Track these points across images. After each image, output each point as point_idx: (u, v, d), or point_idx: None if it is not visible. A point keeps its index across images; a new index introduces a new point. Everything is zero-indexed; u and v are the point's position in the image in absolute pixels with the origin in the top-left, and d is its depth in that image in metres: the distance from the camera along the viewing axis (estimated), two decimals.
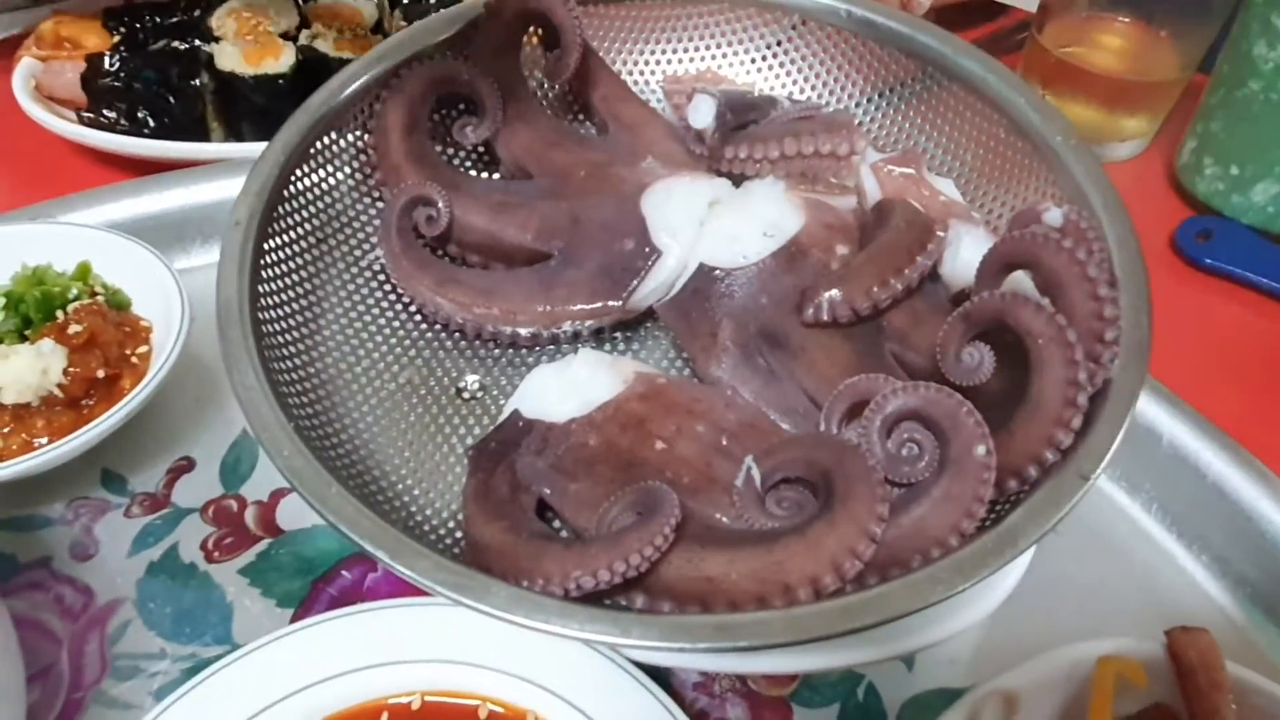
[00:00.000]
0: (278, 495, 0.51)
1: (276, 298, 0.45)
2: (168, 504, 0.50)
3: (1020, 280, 0.39)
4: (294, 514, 0.50)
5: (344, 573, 0.47)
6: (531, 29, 0.55)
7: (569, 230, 0.48)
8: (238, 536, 0.49)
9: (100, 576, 0.47)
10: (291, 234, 0.47)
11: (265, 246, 0.45)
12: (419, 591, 0.38)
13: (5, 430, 0.49)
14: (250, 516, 0.50)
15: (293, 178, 0.48)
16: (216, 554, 0.48)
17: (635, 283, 0.46)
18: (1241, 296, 0.65)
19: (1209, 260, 0.66)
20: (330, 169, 0.50)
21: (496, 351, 0.48)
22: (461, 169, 0.54)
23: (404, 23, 0.71)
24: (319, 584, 0.47)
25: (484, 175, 0.55)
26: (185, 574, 0.47)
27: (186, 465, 0.52)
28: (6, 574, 0.47)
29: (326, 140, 0.50)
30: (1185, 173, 0.72)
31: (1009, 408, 0.36)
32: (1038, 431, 0.35)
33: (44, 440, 0.49)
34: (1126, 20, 0.73)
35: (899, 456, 0.36)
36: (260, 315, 0.42)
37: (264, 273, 0.44)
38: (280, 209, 0.46)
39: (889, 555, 0.34)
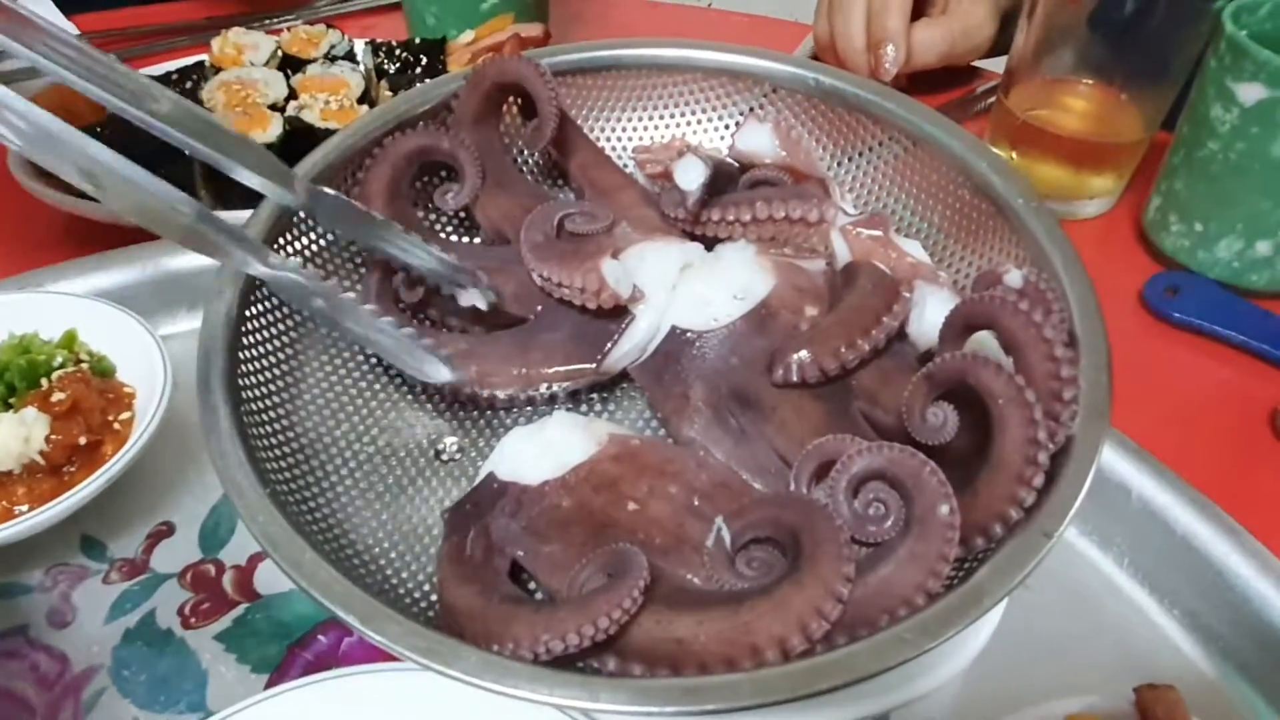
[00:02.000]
0: (255, 560, 0.51)
1: (256, 364, 0.46)
2: (146, 569, 0.50)
3: (985, 340, 0.40)
4: (271, 579, 0.50)
5: (320, 637, 0.47)
6: (510, 99, 0.57)
7: (544, 294, 0.49)
8: (215, 601, 0.49)
9: (76, 644, 0.47)
10: (273, 299, 0.48)
11: (247, 314, 0.46)
12: (395, 656, 0.38)
13: None
14: (228, 581, 0.50)
15: (275, 246, 0.49)
16: (193, 620, 0.48)
17: (609, 346, 0.47)
18: (1210, 350, 0.66)
19: (1177, 314, 0.67)
20: (314, 235, 0.51)
21: (475, 414, 0.49)
22: (442, 234, 0.56)
23: (389, 93, 0.73)
24: (294, 649, 0.47)
25: (464, 240, 0.57)
26: (161, 641, 0.47)
27: (166, 530, 0.53)
28: None
29: None
30: (1152, 229, 0.74)
31: (974, 466, 0.37)
32: (1001, 490, 0.36)
33: (25, 508, 0.49)
34: (1090, 83, 0.76)
35: (865, 516, 0.36)
36: (240, 382, 0.43)
37: (244, 339, 0.45)
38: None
39: (857, 615, 0.34)
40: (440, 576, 0.40)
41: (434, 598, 0.41)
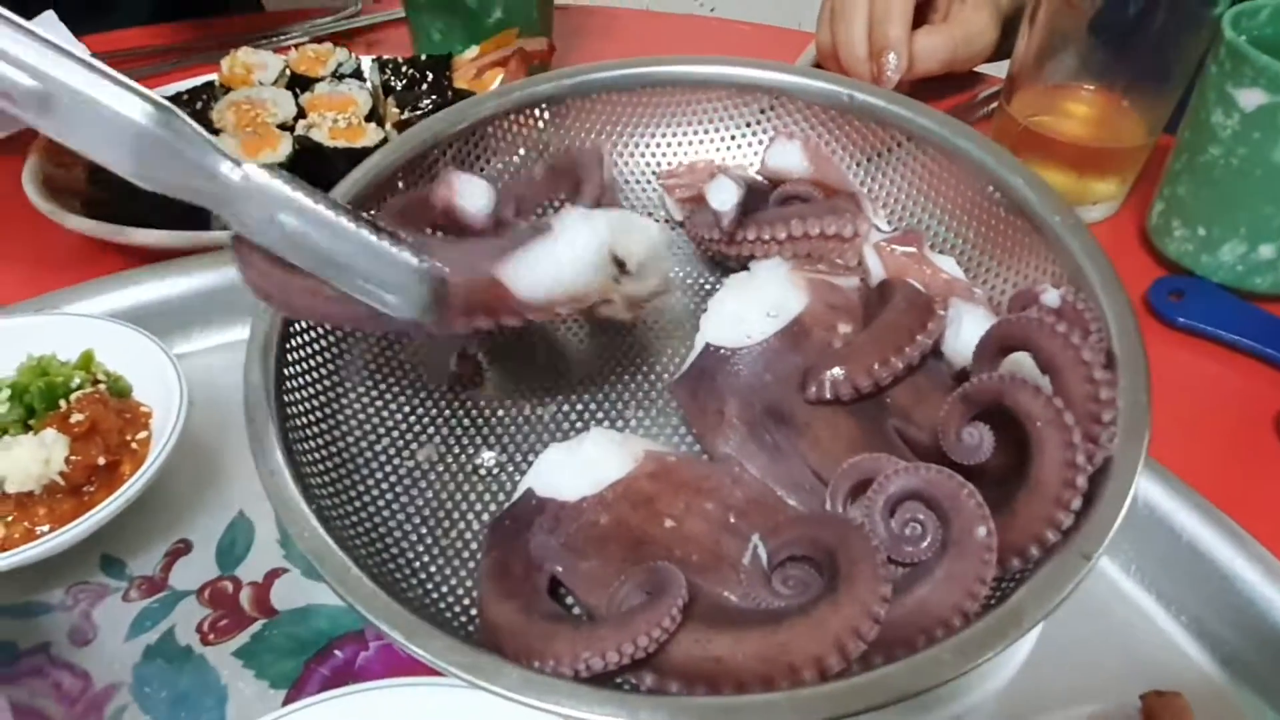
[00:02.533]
0: (272, 576, 0.51)
1: (301, 379, 0.47)
2: (165, 587, 0.51)
3: (1022, 360, 0.41)
4: (288, 594, 0.51)
5: (336, 652, 0.48)
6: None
7: None
8: (233, 618, 0.50)
9: (98, 661, 0.48)
10: None
11: (291, 329, 0.47)
12: (411, 671, 0.39)
13: (8, 519, 0.50)
14: (245, 597, 0.51)
15: None
16: (212, 636, 0.49)
17: None
18: (1215, 353, 0.67)
19: (1182, 319, 0.68)
20: None
21: (513, 428, 0.50)
22: None
23: (396, 109, 0.74)
24: (311, 664, 0.48)
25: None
26: (181, 657, 0.48)
27: (184, 548, 0.53)
28: (7, 661, 0.47)
29: None
30: (1156, 233, 0.74)
31: (1010, 487, 0.38)
32: (1038, 512, 0.36)
33: (46, 528, 0.50)
34: (1092, 89, 0.76)
35: (902, 536, 0.37)
36: (285, 399, 0.44)
37: (289, 355, 0.46)
38: None
39: (894, 635, 0.35)
40: (481, 592, 0.40)
41: (473, 612, 0.41)
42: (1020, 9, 0.92)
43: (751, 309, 0.48)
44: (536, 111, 0.62)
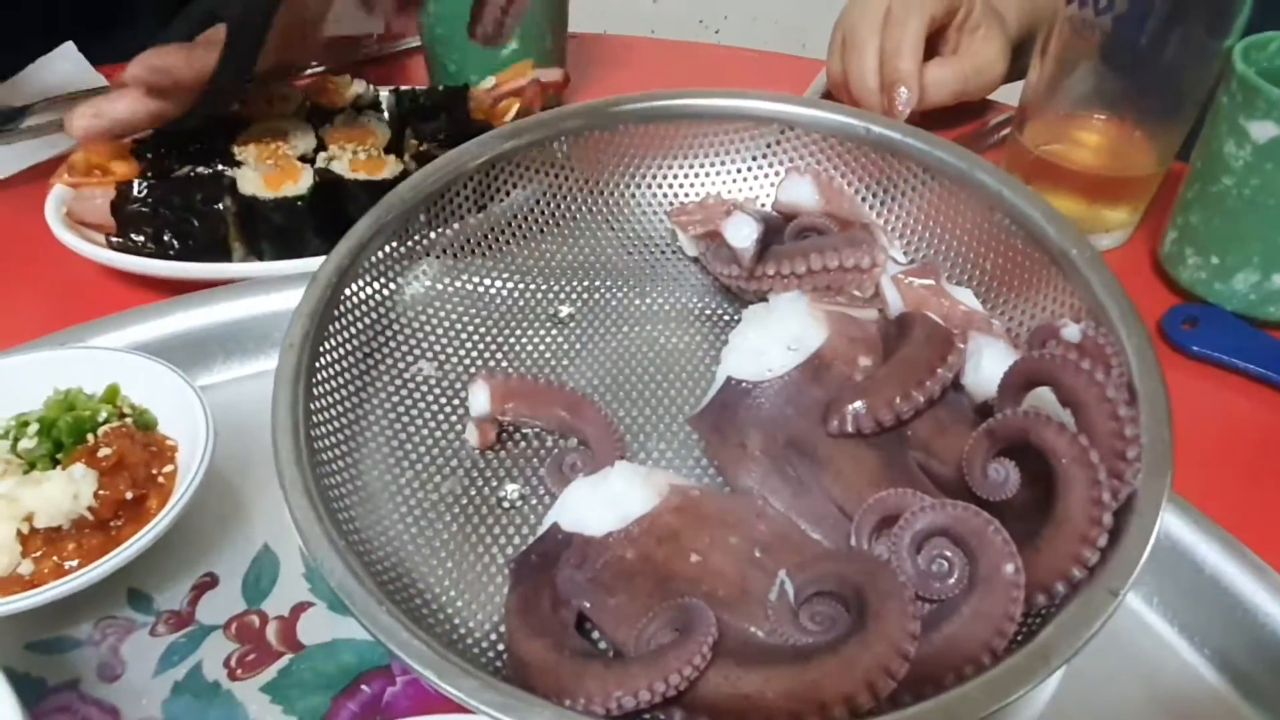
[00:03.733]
0: (298, 610, 0.52)
1: (326, 414, 0.48)
2: (192, 621, 0.51)
3: (1043, 394, 0.41)
4: (314, 628, 0.51)
5: (363, 687, 0.48)
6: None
7: None
8: (260, 653, 0.50)
9: (127, 697, 0.48)
10: (341, 350, 0.50)
11: (316, 365, 0.48)
12: (439, 707, 0.39)
13: (37, 554, 0.50)
14: (272, 632, 0.51)
15: (342, 296, 0.51)
16: (239, 671, 0.49)
17: None
18: (1230, 382, 0.67)
19: (1196, 347, 0.68)
20: (379, 284, 0.54)
21: (535, 461, 0.51)
22: None
23: (415, 140, 0.75)
24: (339, 699, 0.48)
25: None
26: (209, 693, 0.48)
27: (210, 581, 0.53)
28: (36, 698, 0.48)
29: (375, 258, 0.54)
30: (1169, 261, 0.74)
31: (1034, 523, 0.38)
32: (1065, 549, 0.37)
33: (74, 563, 0.50)
34: (1103, 118, 0.77)
35: (929, 573, 0.37)
36: (312, 433, 0.45)
37: (315, 390, 0.47)
38: (330, 327, 0.50)
39: (922, 672, 0.35)
40: (509, 628, 0.41)
41: (500, 648, 0.41)
42: (1029, 35, 0.93)
43: (772, 342, 0.49)
44: (558, 144, 0.63)
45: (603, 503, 0.44)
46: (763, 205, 0.64)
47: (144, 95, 0.68)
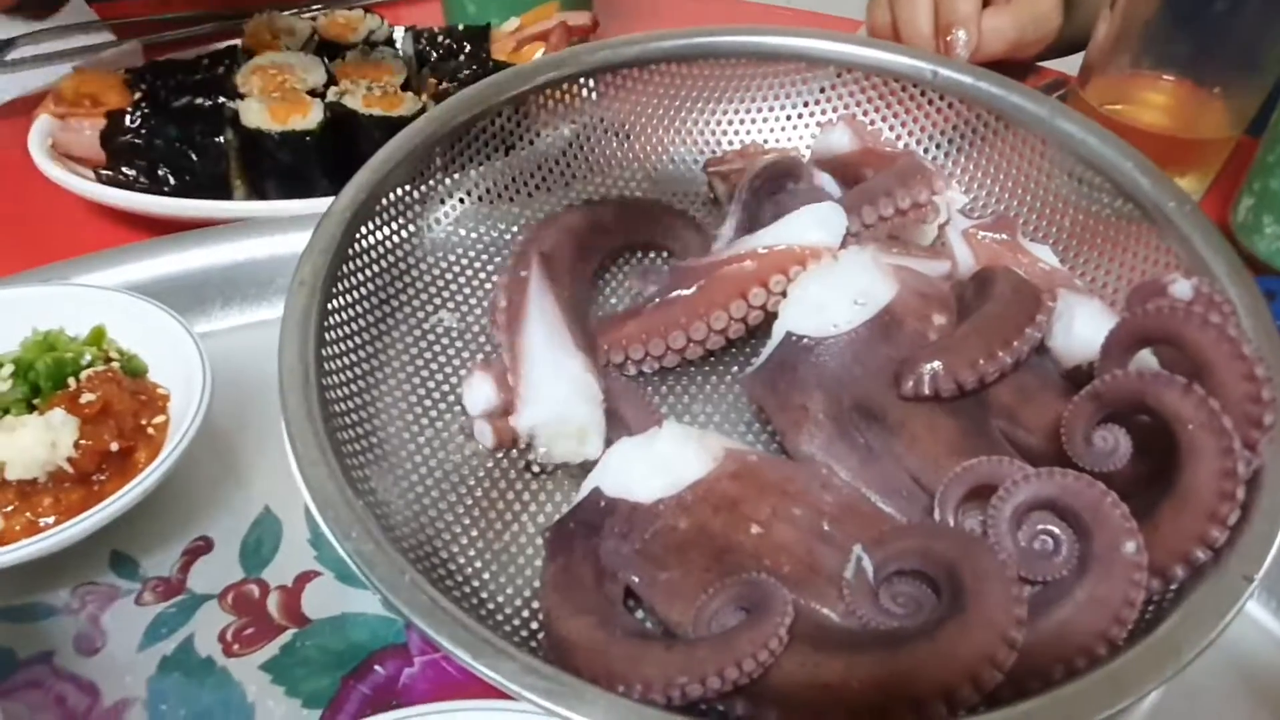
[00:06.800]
0: (303, 580, 0.46)
1: (339, 361, 0.43)
2: (183, 590, 0.46)
3: (1144, 359, 0.37)
4: (321, 601, 0.45)
5: (377, 667, 0.43)
6: None
7: None
8: (259, 626, 0.45)
9: (107, 673, 0.43)
10: (356, 293, 0.46)
11: (329, 307, 0.43)
12: (463, 690, 0.35)
13: (8, 509, 0.45)
14: (273, 603, 0.46)
15: (357, 235, 0.46)
16: (236, 646, 0.44)
17: None
18: None
19: (1276, 322, 0.63)
20: (396, 225, 0.50)
21: None
22: None
23: (434, 80, 0.70)
24: (349, 680, 0.42)
25: None
26: (202, 670, 0.43)
27: (204, 546, 0.48)
28: (4, 672, 0.42)
29: (393, 196, 0.49)
30: (1243, 231, 0.69)
31: (1148, 498, 0.33)
32: (1188, 527, 0.32)
33: (51, 520, 0.45)
34: (1171, 79, 0.72)
35: (1032, 551, 0.33)
36: (323, 381, 0.40)
37: (327, 335, 0.42)
38: (345, 267, 0.45)
39: (1026, 664, 0.30)
40: (547, 605, 0.36)
41: (534, 626, 0.38)
42: None
43: (837, 296, 0.45)
44: (589, 84, 0.58)
45: (651, 466, 0.40)
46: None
47: None
